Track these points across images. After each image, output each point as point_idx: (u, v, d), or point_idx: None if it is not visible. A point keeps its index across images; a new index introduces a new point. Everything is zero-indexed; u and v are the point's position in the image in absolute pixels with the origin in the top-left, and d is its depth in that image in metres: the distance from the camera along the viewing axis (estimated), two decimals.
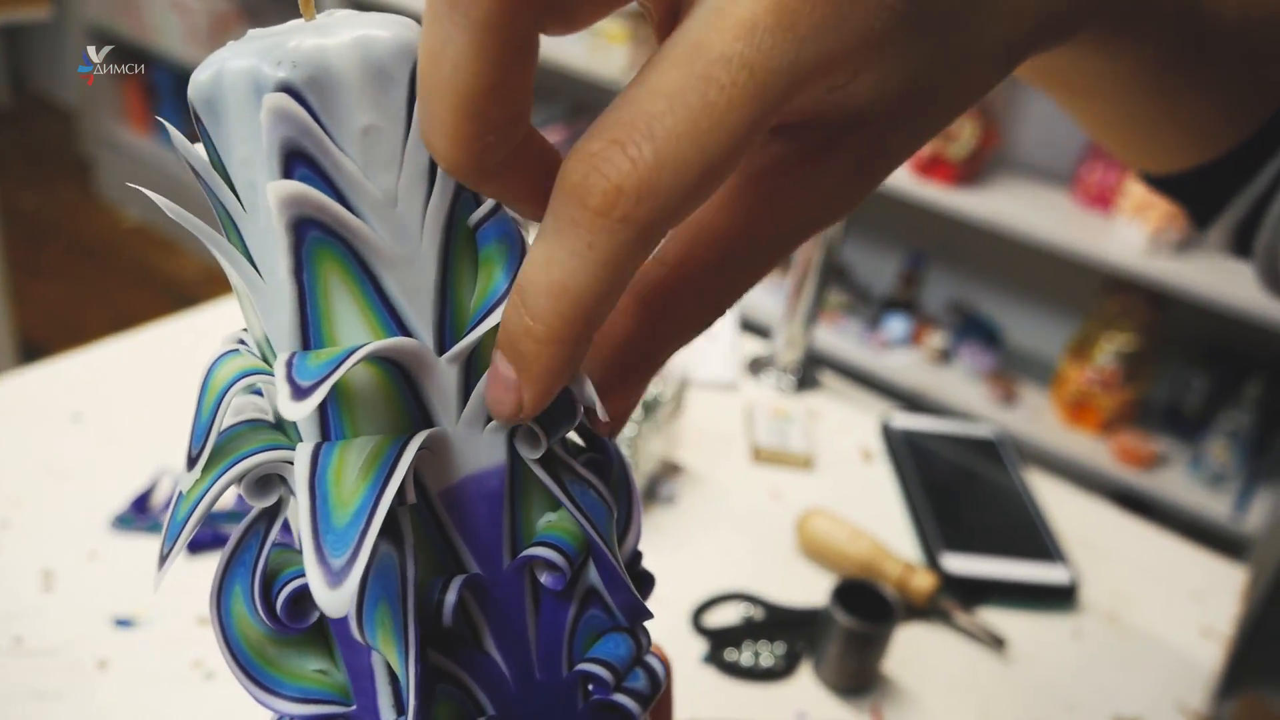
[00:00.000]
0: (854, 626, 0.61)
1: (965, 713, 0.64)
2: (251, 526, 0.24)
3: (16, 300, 1.67)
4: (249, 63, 0.21)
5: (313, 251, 0.22)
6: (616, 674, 0.26)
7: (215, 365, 0.24)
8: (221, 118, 0.22)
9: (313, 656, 0.26)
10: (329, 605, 0.20)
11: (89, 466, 0.71)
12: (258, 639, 0.25)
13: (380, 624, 0.23)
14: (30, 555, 0.63)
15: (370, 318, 0.23)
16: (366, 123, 0.22)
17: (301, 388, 0.21)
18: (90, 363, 0.83)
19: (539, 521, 0.26)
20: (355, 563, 0.20)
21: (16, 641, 0.57)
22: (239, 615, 0.24)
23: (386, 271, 0.23)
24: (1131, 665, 0.70)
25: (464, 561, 0.25)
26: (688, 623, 0.67)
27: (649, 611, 0.27)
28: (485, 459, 0.25)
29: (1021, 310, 2.05)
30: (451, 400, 0.24)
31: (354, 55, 0.22)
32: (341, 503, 0.21)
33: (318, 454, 0.22)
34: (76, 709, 0.53)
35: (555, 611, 0.26)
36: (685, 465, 0.83)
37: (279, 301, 0.23)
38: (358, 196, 0.22)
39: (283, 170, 0.22)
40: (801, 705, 0.63)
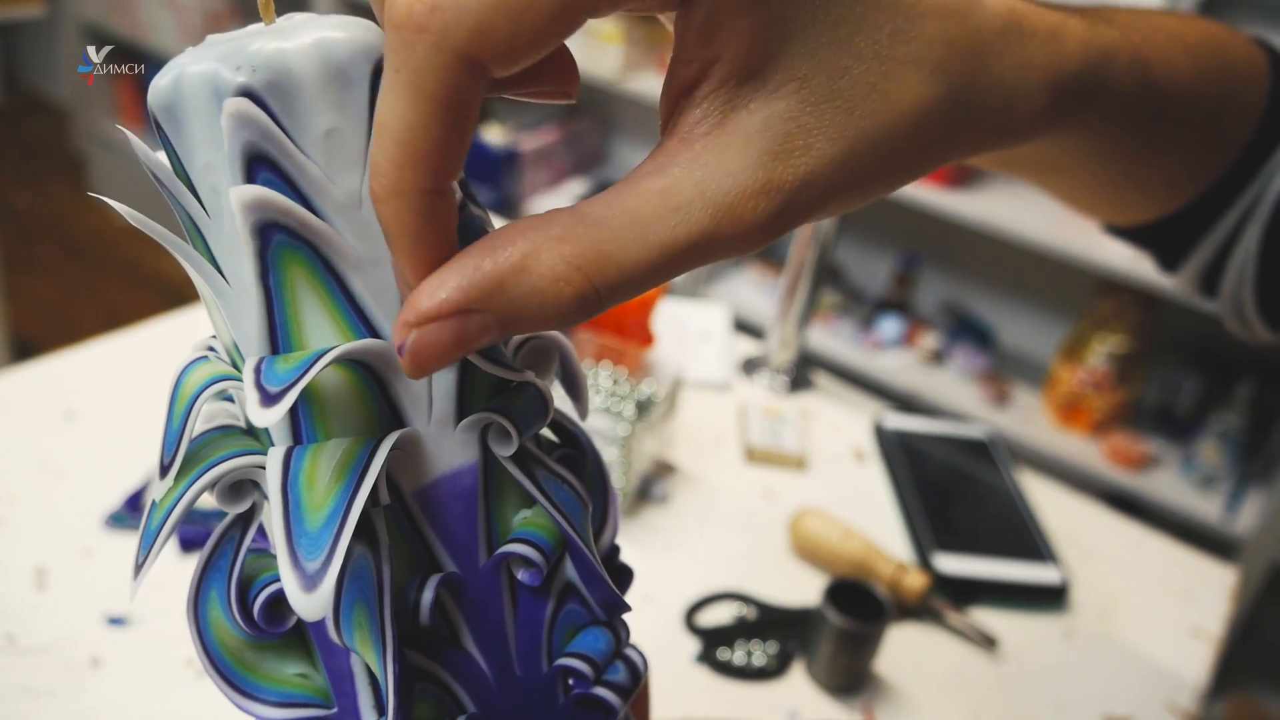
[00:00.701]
0: (846, 626, 0.62)
1: (956, 712, 0.65)
2: (226, 533, 0.24)
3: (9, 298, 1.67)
4: (208, 67, 0.21)
5: (278, 256, 0.22)
6: (596, 668, 0.26)
7: (184, 373, 0.24)
8: (182, 124, 0.22)
9: (292, 661, 0.25)
10: (304, 609, 0.20)
11: (82, 464, 0.71)
12: (236, 645, 0.24)
13: (358, 625, 0.23)
14: (23, 553, 0.63)
15: (338, 320, 0.23)
16: (328, 125, 0.22)
17: (270, 394, 0.21)
18: (83, 361, 0.83)
19: (514, 519, 0.26)
20: (330, 566, 0.20)
21: (9, 639, 0.57)
22: (216, 622, 0.24)
23: (353, 273, 0.23)
24: (1122, 665, 0.70)
25: (440, 560, 0.25)
26: (680, 622, 0.67)
27: (627, 605, 0.27)
28: (458, 457, 0.25)
29: (1014, 311, 2.05)
30: (422, 399, 0.24)
31: (314, 58, 0.22)
32: (314, 506, 0.21)
33: (289, 458, 0.22)
34: (69, 707, 0.53)
35: (533, 608, 0.26)
36: (678, 465, 0.83)
37: (246, 307, 0.23)
38: (322, 199, 0.22)
39: (245, 175, 0.21)
40: (794, 704, 0.63)
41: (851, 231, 2.17)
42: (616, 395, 0.75)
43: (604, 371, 0.78)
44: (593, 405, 0.74)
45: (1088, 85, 0.31)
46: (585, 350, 0.83)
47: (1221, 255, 0.46)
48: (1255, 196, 0.44)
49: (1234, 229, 0.45)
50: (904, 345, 1.99)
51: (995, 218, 1.69)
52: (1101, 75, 0.32)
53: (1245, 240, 0.45)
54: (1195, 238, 0.47)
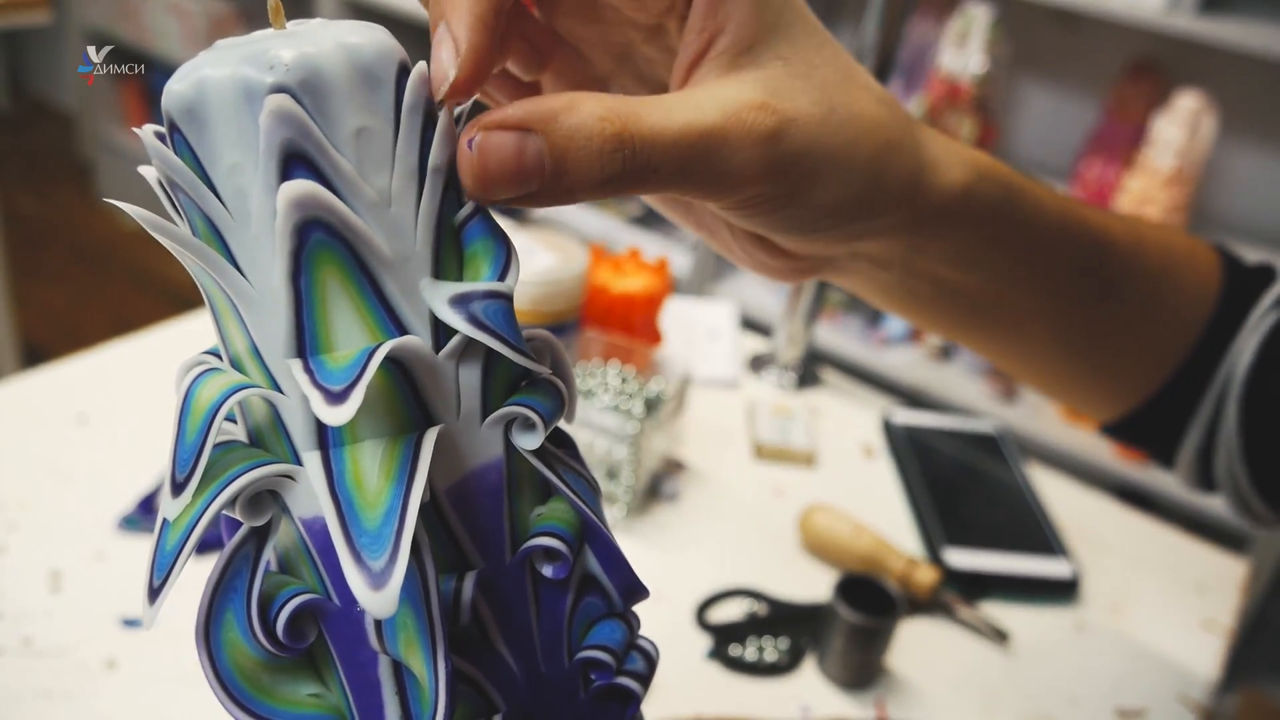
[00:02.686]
0: (857, 621, 0.62)
1: (968, 706, 0.65)
2: (239, 550, 0.24)
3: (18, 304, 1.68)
4: (235, 70, 0.21)
5: (313, 255, 0.22)
6: (617, 658, 0.26)
7: (196, 385, 0.23)
8: (205, 126, 0.22)
9: (305, 681, 0.25)
10: (375, 607, 0.20)
11: (95, 468, 0.71)
12: (252, 667, 0.24)
13: (402, 628, 0.23)
14: (38, 556, 0.63)
15: (368, 319, 0.23)
16: (358, 125, 0.22)
17: (334, 392, 0.21)
18: (93, 366, 0.83)
19: (530, 515, 0.26)
20: (396, 561, 0.20)
21: (25, 642, 0.57)
22: (231, 644, 0.23)
23: (385, 272, 0.23)
24: (1133, 658, 0.70)
25: (470, 558, 0.25)
26: (691, 619, 0.68)
27: (646, 590, 0.28)
28: (484, 454, 0.25)
29: None
30: (450, 396, 0.24)
31: (342, 59, 0.22)
32: (369, 504, 0.21)
33: (329, 461, 0.22)
34: (85, 709, 0.54)
35: (555, 602, 0.26)
36: (688, 463, 0.83)
37: (272, 309, 0.22)
38: (355, 198, 0.22)
39: (281, 173, 0.21)
40: (806, 700, 0.63)
41: None
42: (625, 393, 0.75)
43: (612, 370, 0.78)
44: (601, 404, 0.74)
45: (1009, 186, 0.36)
46: (594, 349, 0.84)
47: (1210, 441, 0.47)
48: (1225, 378, 0.46)
49: (1214, 412, 0.46)
50: (911, 341, 1.99)
51: None
52: (1016, 188, 0.36)
53: (1226, 420, 0.46)
54: (1182, 429, 0.48)
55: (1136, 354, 0.45)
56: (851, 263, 0.37)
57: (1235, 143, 1.72)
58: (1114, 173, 1.72)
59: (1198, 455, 0.48)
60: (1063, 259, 0.39)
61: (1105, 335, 0.43)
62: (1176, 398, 0.46)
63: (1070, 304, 0.41)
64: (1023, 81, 1.90)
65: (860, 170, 0.30)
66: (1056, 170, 1.89)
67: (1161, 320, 0.44)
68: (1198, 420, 0.47)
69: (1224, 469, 0.47)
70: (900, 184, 0.32)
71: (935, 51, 1.77)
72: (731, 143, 0.26)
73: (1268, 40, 1.41)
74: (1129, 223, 0.42)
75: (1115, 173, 1.72)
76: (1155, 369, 0.45)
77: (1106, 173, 1.73)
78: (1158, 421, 0.47)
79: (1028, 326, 0.41)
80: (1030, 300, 0.40)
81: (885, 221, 0.32)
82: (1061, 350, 0.43)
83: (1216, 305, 0.45)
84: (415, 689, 0.24)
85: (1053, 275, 0.39)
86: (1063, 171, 1.87)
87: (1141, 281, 0.42)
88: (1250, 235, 1.74)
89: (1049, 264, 0.39)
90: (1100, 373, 0.45)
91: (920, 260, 0.36)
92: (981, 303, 0.39)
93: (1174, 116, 1.57)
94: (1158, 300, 0.43)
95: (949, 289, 0.38)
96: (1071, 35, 1.82)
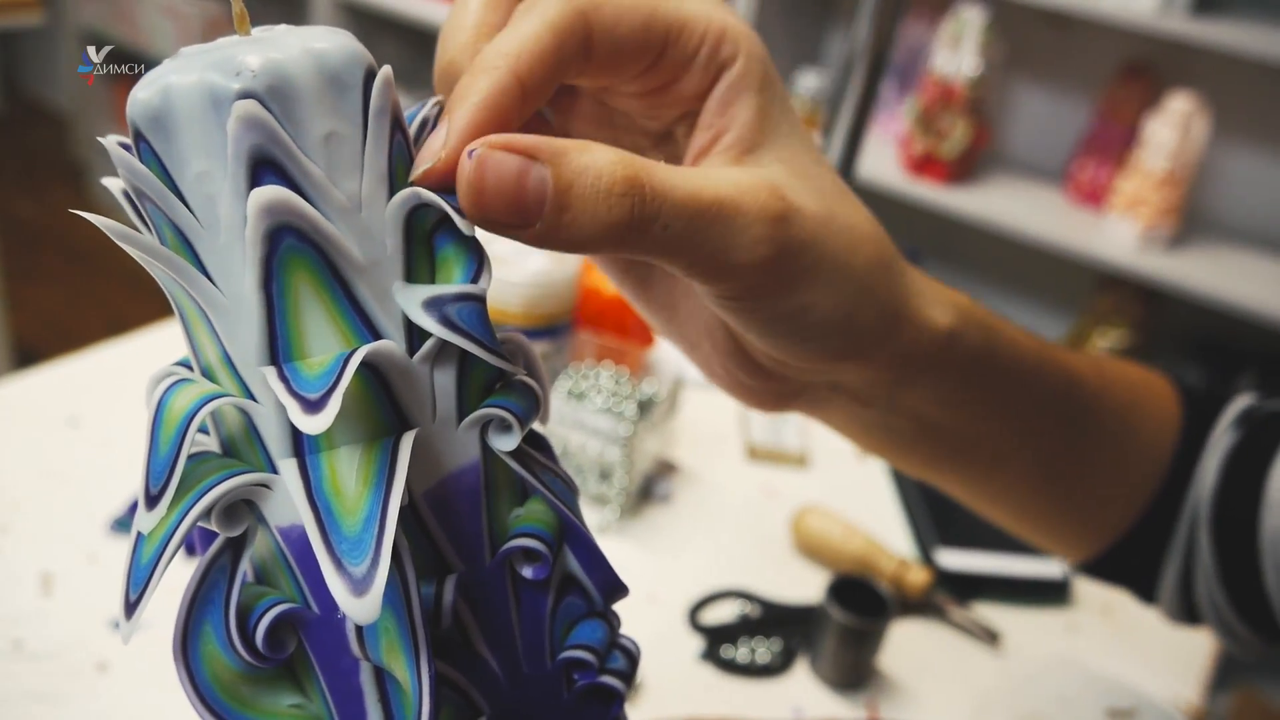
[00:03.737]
0: (849, 622, 0.62)
1: (960, 707, 0.65)
2: (215, 562, 0.23)
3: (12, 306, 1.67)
4: (201, 76, 0.21)
5: (284, 261, 0.22)
6: (599, 657, 0.26)
7: (168, 396, 0.22)
8: (172, 133, 0.22)
9: (285, 692, 0.24)
10: (358, 613, 0.20)
11: (87, 470, 0.71)
12: (232, 680, 0.23)
13: (384, 634, 0.22)
14: (29, 559, 0.63)
15: (341, 325, 0.23)
16: (327, 130, 0.22)
17: (310, 400, 0.21)
18: (86, 368, 0.83)
19: (509, 516, 0.26)
20: (377, 567, 0.20)
21: (17, 645, 0.57)
22: (210, 657, 0.23)
23: (357, 276, 0.23)
24: (1125, 659, 0.71)
25: (449, 562, 0.25)
26: (684, 620, 0.68)
27: (626, 588, 0.27)
28: (461, 456, 0.25)
29: (1014, 307, 2.05)
30: (425, 399, 0.24)
31: (309, 64, 0.22)
32: (348, 511, 0.21)
33: (306, 468, 0.22)
34: (77, 711, 0.54)
35: (535, 603, 0.26)
36: (680, 464, 0.84)
37: (244, 317, 0.22)
38: (325, 203, 0.22)
39: (250, 179, 0.21)
40: (798, 701, 0.63)
41: None
42: (618, 395, 0.75)
43: (605, 371, 0.78)
44: (594, 405, 0.74)
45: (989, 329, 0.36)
46: (587, 350, 0.84)
47: (1188, 571, 0.47)
48: (1194, 505, 0.46)
49: (1188, 541, 0.46)
50: None
51: (995, 214, 1.70)
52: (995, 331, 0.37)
53: (1199, 548, 0.46)
54: (1158, 562, 0.48)
55: (1109, 490, 0.45)
56: (831, 396, 0.36)
57: (1227, 144, 1.73)
58: (1106, 174, 1.73)
59: (1178, 587, 0.47)
60: (1038, 400, 0.39)
61: (1078, 474, 0.43)
62: (1150, 531, 0.46)
63: (1045, 444, 0.41)
64: (1016, 83, 1.90)
65: (856, 280, 0.30)
66: (1049, 171, 1.89)
67: (1131, 454, 0.45)
68: (1173, 551, 0.46)
69: (1205, 598, 0.47)
70: (888, 306, 0.32)
71: (928, 53, 1.78)
72: (744, 215, 0.26)
73: (1260, 42, 1.42)
74: (1092, 360, 0.43)
75: (1108, 174, 1.72)
76: (1128, 504, 0.45)
77: (1099, 174, 1.74)
78: (1133, 557, 0.47)
79: (1004, 467, 0.41)
80: (1007, 441, 0.40)
81: (870, 344, 0.32)
82: (1036, 490, 0.43)
83: (1179, 434, 0.45)
84: (398, 695, 0.23)
85: (1028, 416, 0.39)
86: (1056, 172, 1.88)
87: (1110, 418, 0.43)
88: (1242, 237, 1.75)
89: (1025, 405, 0.39)
90: (1074, 511, 0.45)
91: (905, 396, 0.36)
92: (961, 443, 0.39)
93: (1166, 118, 1.57)
94: (1126, 435, 0.44)
95: (930, 428, 0.38)
96: (1064, 37, 1.82)
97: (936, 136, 1.73)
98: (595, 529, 0.74)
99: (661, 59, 0.28)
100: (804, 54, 2.04)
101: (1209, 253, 1.67)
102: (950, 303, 0.34)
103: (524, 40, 0.25)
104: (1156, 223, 1.61)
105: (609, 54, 0.27)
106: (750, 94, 0.29)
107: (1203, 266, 1.61)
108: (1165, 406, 0.46)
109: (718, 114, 0.29)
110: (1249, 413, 0.46)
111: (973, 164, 1.80)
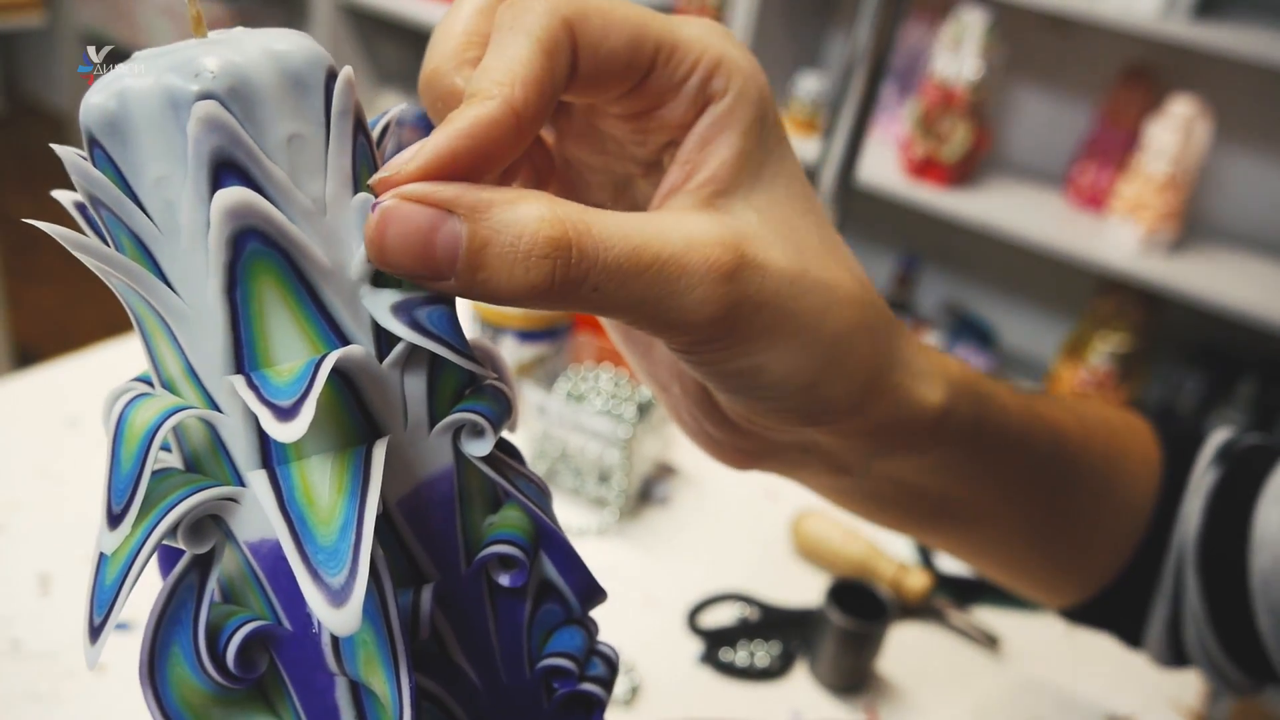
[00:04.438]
0: (849, 626, 0.62)
1: (959, 711, 0.65)
2: (182, 580, 0.22)
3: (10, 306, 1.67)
4: (158, 79, 0.21)
5: (248, 266, 0.21)
6: (579, 665, 0.26)
7: (127, 411, 0.22)
8: (129, 139, 0.21)
9: (257, 713, 0.24)
10: (338, 624, 0.20)
11: (85, 470, 0.71)
12: (203, 703, 0.23)
13: (362, 646, 0.22)
14: (27, 559, 0.63)
15: (308, 331, 0.22)
16: (290, 131, 0.22)
17: (283, 408, 0.20)
18: (85, 367, 0.83)
19: (483, 524, 0.26)
20: (356, 576, 0.20)
21: (15, 645, 0.57)
22: (179, 680, 0.22)
23: (323, 281, 0.22)
24: (1125, 663, 0.70)
25: (424, 571, 0.24)
26: (683, 623, 0.67)
27: (604, 591, 0.27)
28: (433, 463, 0.24)
29: (1015, 311, 2.05)
30: (396, 405, 0.23)
31: (269, 66, 0.21)
32: (322, 521, 0.21)
33: (276, 479, 0.21)
34: (74, 712, 0.54)
35: (512, 611, 0.25)
36: (679, 467, 0.83)
37: (207, 325, 0.22)
38: (289, 206, 0.22)
39: (212, 182, 0.21)
40: (797, 704, 0.63)
41: (851, 233, 2.17)
42: (617, 398, 0.75)
43: (605, 374, 0.78)
44: (594, 408, 0.74)
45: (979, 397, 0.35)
46: (586, 353, 0.84)
47: (1176, 614, 0.46)
48: (1179, 547, 0.45)
49: (1174, 584, 0.46)
50: None
51: (995, 218, 1.70)
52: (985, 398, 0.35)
53: (1187, 590, 0.45)
54: (1144, 607, 0.47)
55: (1094, 543, 0.45)
56: (803, 459, 0.34)
57: (1229, 148, 1.73)
58: (1108, 178, 1.73)
59: (1166, 630, 0.47)
60: (1023, 462, 0.38)
61: (1062, 529, 0.43)
62: (1136, 577, 0.46)
63: (1029, 503, 0.40)
64: (1017, 86, 1.90)
65: (823, 345, 0.28)
66: (1050, 175, 1.89)
67: (1115, 505, 0.44)
68: (1160, 595, 0.46)
69: (1194, 641, 0.46)
70: (863, 376, 0.29)
71: (929, 57, 1.78)
72: (689, 275, 0.24)
73: (1262, 45, 1.42)
74: (1074, 410, 0.42)
75: (1109, 178, 1.72)
76: (1114, 553, 0.45)
77: (1100, 178, 1.74)
78: (1120, 602, 0.47)
79: (987, 525, 0.41)
80: (992, 503, 0.39)
81: (839, 413, 0.30)
82: (1020, 545, 0.43)
83: (1160, 478, 0.45)
84: (375, 710, 0.23)
85: (1014, 479, 0.39)
86: (1056, 176, 1.88)
87: (1093, 474, 0.42)
88: (1243, 241, 1.75)
89: (1011, 469, 0.38)
90: (1058, 563, 0.45)
91: (883, 465, 0.34)
92: (943, 505, 0.38)
93: (1168, 122, 1.57)
94: (1110, 487, 0.43)
95: (909, 492, 0.37)
96: (1066, 40, 1.82)
97: (937, 140, 1.73)
98: (594, 531, 0.74)
99: (648, 80, 0.27)
100: (804, 57, 2.04)
101: (1210, 257, 1.67)
102: (943, 376, 0.33)
103: (516, 65, 0.23)
104: (1158, 227, 1.61)
105: (593, 69, 0.25)
106: (733, 133, 0.27)
107: (1204, 271, 1.61)
108: (1145, 451, 0.45)
109: (696, 150, 0.27)
110: (1226, 448, 0.46)
111: (973, 167, 1.80)
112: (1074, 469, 0.41)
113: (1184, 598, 0.46)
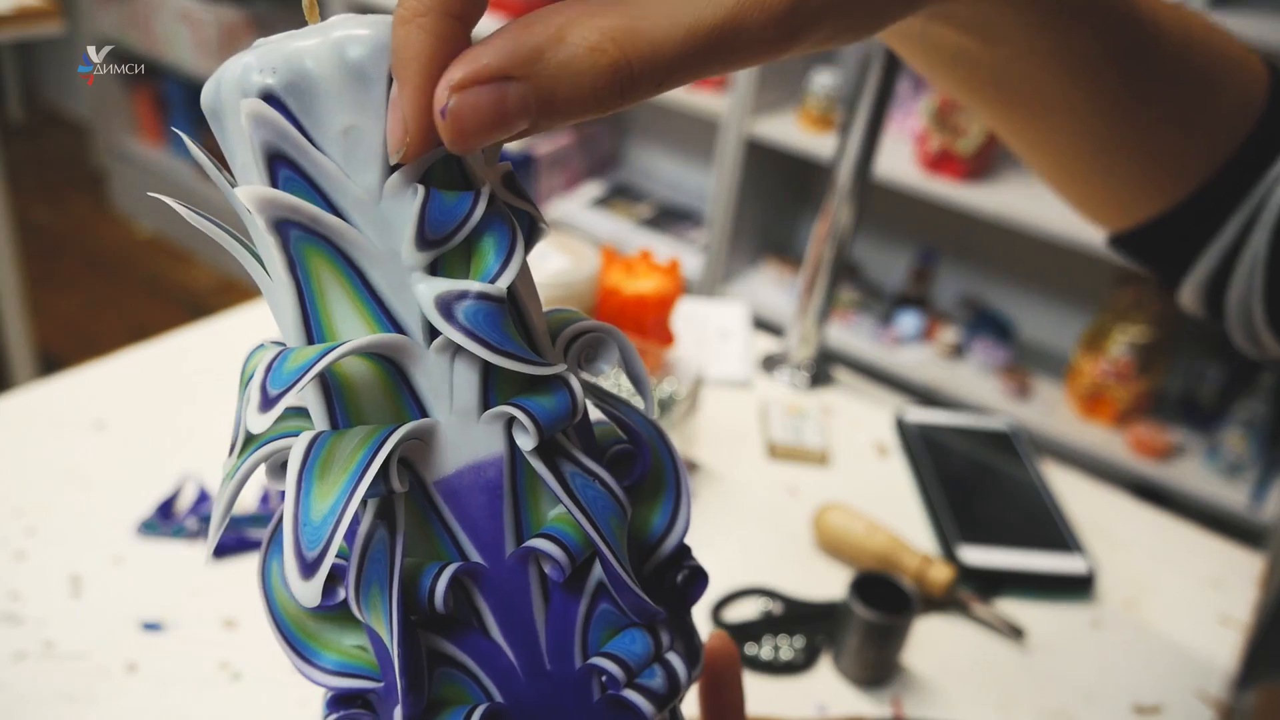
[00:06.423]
0: (873, 619, 0.62)
1: (985, 703, 0.65)
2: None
3: (33, 313, 1.69)
4: (241, 70, 0.22)
5: (300, 249, 0.23)
6: (629, 670, 0.26)
7: (250, 357, 0.25)
8: (223, 125, 0.23)
9: (350, 633, 0.26)
10: (301, 595, 0.21)
11: (113, 474, 0.72)
12: (296, 613, 0.26)
13: (373, 606, 0.24)
14: (58, 561, 0.63)
15: (363, 311, 0.23)
16: (346, 123, 0.22)
17: (270, 397, 0.21)
18: (110, 373, 0.84)
19: (549, 514, 0.26)
20: (324, 559, 0.21)
21: (48, 646, 0.57)
22: (278, 590, 0.25)
23: (372, 267, 0.23)
24: (1150, 654, 0.70)
25: (466, 551, 0.25)
26: (708, 618, 0.68)
27: (659, 612, 0.26)
28: (483, 449, 0.25)
29: (1034, 304, 2.04)
30: (443, 390, 0.24)
31: (331, 58, 0.22)
32: (321, 496, 0.22)
33: (313, 445, 0.23)
34: (107, 711, 0.54)
35: (565, 604, 0.26)
36: (701, 463, 0.84)
37: (283, 298, 0.23)
38: (340, 195, 0.23)
39: (268, 173, 0.22)
40: (822, 698, 0.63)
41: (869, 227, 2.17)
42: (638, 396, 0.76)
43: None
44: None
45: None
46: None
47: (1227, 266, 0.44)
48: (1259, 202, 0.42)
49: (1238, 236, 0.43)
50: (923, 340, 1.99)
51: (1012, 210, 1.69)
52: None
53: (1252, 245, 0.43)
54: (1198, 249, 0.45)
55: (1163, 161, 0.42)
56: None
57: None
58: None
59: (1209, 278, 0.45)
60: (1103, 43, 0.36)
61: (1133, 136, 0.40)
62: (1198, 216, 0.43)
63: (1102, 96, 0.38)
64: None
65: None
66: None
67: (1196, 129, 0.41)
68: (1218, 243, 0.43)
69: (1237, 298, 0.44)
70: None
71: None
72: (746, 32, 0.24)
73: (1278, 34, 1.41)
74: (1181, 15, 0.39)
75: None
76: (1180, 181, 0.42)
77: None
78: (1172, 238, 0.44)
79: (1053, 115, 0.39)
80: (1061, 85, 0.37)
81: None
82: (1084, 145, 0.41)
83: (1257, 124, 0.42)
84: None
85: (1089, 61, 0.36)
86: None
87: (1182, 83, 0.39)
88: None
89: (1087, 47, 0.35)
90: (1121, 176, 0.43)
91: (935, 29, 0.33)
92: (1004, 77, 0.36)
93: None
94: (1196, 107, 0.40)
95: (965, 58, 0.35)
96: None
97: (952, 133, 1.73)
98: None
99: None
100: (820, 53, 2.04)
101: None
102: None
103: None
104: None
105: None
106: None
107: None
108: (1249, 91, 0.42)
109: None
110: None
111: (989, 160, 1.80)
112: (1161, 73, 0.38)
113: (1242, 254, 0.43)
